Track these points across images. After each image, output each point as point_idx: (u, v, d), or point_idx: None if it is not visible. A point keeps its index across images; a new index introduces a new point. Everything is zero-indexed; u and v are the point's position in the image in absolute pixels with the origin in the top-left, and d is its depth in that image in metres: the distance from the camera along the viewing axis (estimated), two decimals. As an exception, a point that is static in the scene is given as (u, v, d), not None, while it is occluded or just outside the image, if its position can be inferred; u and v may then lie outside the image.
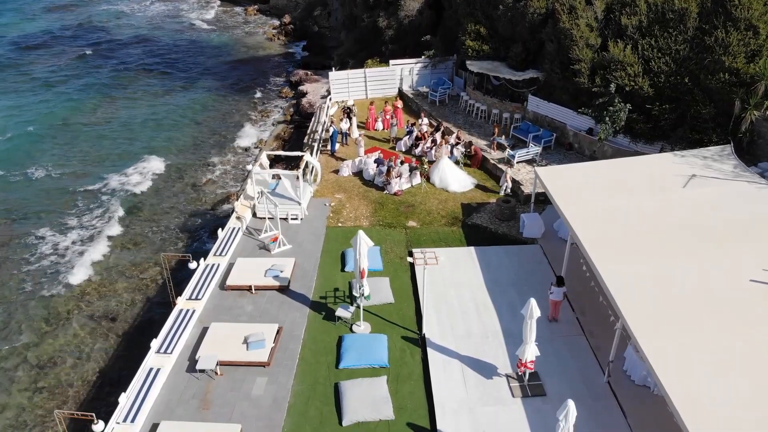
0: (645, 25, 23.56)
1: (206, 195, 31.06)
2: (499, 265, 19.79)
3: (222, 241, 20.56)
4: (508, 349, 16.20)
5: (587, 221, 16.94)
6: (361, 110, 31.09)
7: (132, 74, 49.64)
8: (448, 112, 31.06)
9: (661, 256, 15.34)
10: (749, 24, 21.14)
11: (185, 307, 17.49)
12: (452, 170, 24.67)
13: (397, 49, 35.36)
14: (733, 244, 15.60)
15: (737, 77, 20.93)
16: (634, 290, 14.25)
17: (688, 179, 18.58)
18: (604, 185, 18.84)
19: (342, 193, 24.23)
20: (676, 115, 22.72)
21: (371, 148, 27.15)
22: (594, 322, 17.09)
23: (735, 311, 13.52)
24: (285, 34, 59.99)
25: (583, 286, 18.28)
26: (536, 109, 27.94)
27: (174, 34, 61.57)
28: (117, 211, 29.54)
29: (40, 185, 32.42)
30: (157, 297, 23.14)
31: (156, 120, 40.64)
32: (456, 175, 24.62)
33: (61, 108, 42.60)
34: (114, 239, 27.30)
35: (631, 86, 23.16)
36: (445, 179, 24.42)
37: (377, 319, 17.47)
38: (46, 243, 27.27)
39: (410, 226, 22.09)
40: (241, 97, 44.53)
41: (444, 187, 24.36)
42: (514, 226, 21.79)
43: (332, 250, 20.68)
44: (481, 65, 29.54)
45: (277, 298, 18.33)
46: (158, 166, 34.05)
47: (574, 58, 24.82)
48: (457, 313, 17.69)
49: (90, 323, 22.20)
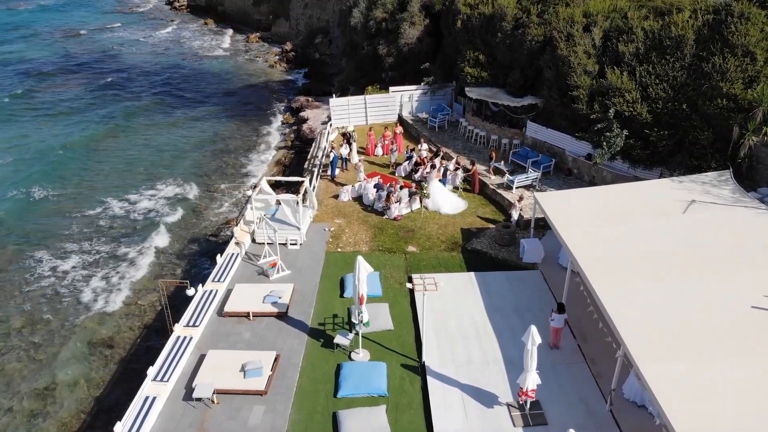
0: (642, 52, 23.80)
1: (205, 220, 31.06)
2: (499, 291, 19.64)
3: (220, 267, 20.46)
4: (509, 376, 15.96)
5: (587, 247, 16.85)
6: (360, 136, 31.26)
7: (133, 101, 50.08)
8: (448, 138, 31.22)
9: (662, 282, 15.22)
10: (746, 50, 21.34)
11: (183, 334, 17.32)
12: (442, 193, 24.80)
13: (397, 76, 35.72)
14: (734, 269, 15.49)
15: (735, 103, 21.04)
16: (635, 317, 14.10)
17: (687, 205, 18.54)
18: (603, 211, 18.80)
19: (341, 218, 24.21)
20: (675, 141, 22.80)
21: (371, 173, 27.21)
22: (595, 349, 16.88)
23: (737, 338, 13.35)
24: (286, 61, 60.72)
25: (584, 312, 18.13)
26: (535, 135, 28.07)
27: (177, 61, 62.32)
28: (115, 236, 29.49)
29: (39, 210, 32.50)
30: (155, 323, 22.95)
31: (156, 146, 40.87)
32: (447, 198, 24.75)
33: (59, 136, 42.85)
34: (112, 264, 27.19)
35: (629, 112, 23.29)
36: (436, 202, 24.48)
37: (376, 346, 17.27)
38: (43, 266, 27.19)
39: (410, 251, 22.01)
40: (242, 122, 44.85)
41: (437, 209, 24.40)
42: (514, 251, 21.70)
43: (331, 276, 20.57)
44: (480, 92, 29.79)
45: (275, 324, 18.15)
46: (157, 192, 34.13)
47: (572, 84, 25.02)
48: (457, 339, 17.49)
49: (86, 349, 21.98)
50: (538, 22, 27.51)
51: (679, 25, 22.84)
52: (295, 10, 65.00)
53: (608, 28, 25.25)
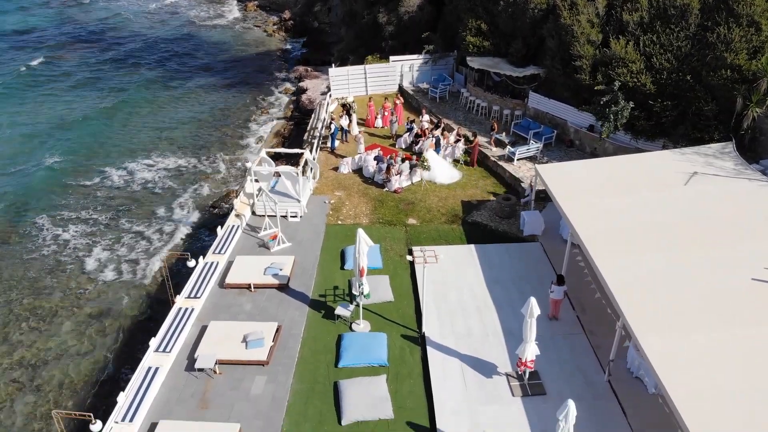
0: (647, 22, 23.42)
1: (205, 192, 30.97)
2: (499, 263, 19.69)
3: (221, 239, 20.47)
4: (508, 347, 16.11)
5: (588, 219, 16.84)
6: (360, 107, 30.96)
7: (130, 71, 49.47)
8: (449, 109, 30.93)
9: (662, 253, 15.25)
10: (751, 20, 21.00)
11: (184, 306, 17.41)
12: (437, 162, 24.73)
13: (397, 45, 35.20)
14: (734, 242, 15.51)
15: (739, 74, 20.80)
16: (635, 288, 14.17)
17: (689, 177, 18.47)
18: (605, 183, 18.74)
19: (342, 190, 24.13)
20: (678, 112, 22.58)
21: (371, 145, 27.03)
22: (594, 320, 17.01)
23: (736, 310, 13.44)
24: (285, 30, 59.78)
25: (584, 284, 18.23)
26: (537, 106, 27.81)
27: (173, 30, 61.37)
28: (115, 207, 29.47)
29: (41, 180, 32.40)
30: (156, 295, 23.08)
31: (154, 117, 40.52)
32: (442, 168, 24.72)
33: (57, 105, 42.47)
34: (112, 236, 27.22)
35: (633, 83, 23.02)
36: (432, 172, 24.43)
37: (377, 317, 17.39)
38: (45, 239, 27.22)
39: (410, 223, 21.99)
40: (241, 93, 44.39)
41: (432, 179, 24.35)
42: (515, 223, 21.69)
43: (332, 248, 20.60)
44: (482, 61, 29.40)
45: (276, 296, 18.25)
46: (157, 163, 33.98)
47: (575, 54, 24.67)
48: (457, 311, 17.60)
49: (88, 321, 22.14)
50: (541, -11, 26.98)
51: (684, -7, 22.43)
52: (294, -23, 63.79)
53: (613, -4, 24.82)
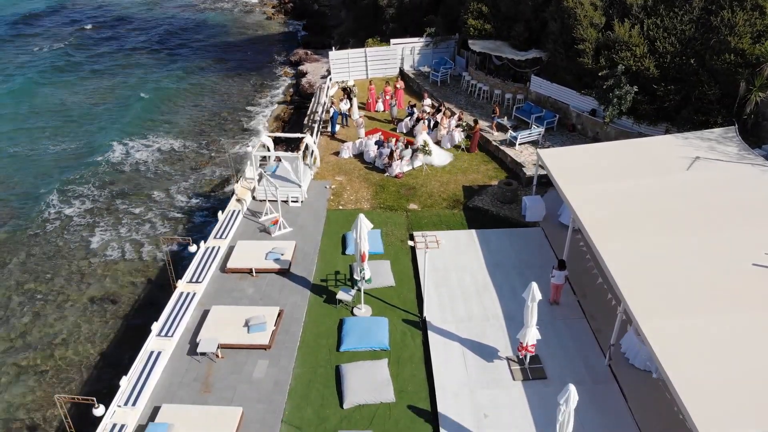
0: (650, 5, 23.22)
1: (206, 177, 30.87)
2: (500, 248, 19.70)
3: (222, 224, 20.46)
4: (509, 332, 16.18)
5: (589, 203, 16.82)
6: (361, 90, 30.76)
7: (128, 54, 49.09)
8: (450, 93, 30.75)
9: (664, 238, 15.25)
10: (756, 4, 20.82)
11: (186, 290, 17.45)
12: (431, 146, 24.73)
13: (398, 28, 34.90)
14: (736, 227, 15.50)
15: (743, 58, 20.64)
16: (636, 273, 14.18)
17: (692, 161, 18.41)
18: (607, 167, 18.68)
19: (342, 175, 24.06)
20: (681, 97, 22.44)
21: (372, 130, 26.91)
22: (595, 305, 17.06)
23: (737, 294, 13.45)
24: (284, 13, 59.25)
25: (585, 269, 18.25)
26: (539, 90, 27.63)
27: (171, 13, 60.81)
28: (115, 193, 29.38)
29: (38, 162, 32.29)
30: (158, 279, 23.09)
31: (153, 101, 40.24)
32: (436, 150, 24.80)
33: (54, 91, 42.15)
34: (113, 221, 27.18)
35: (636, 67, 22.84)
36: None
37: (378, 302, 17.44)
38: (47, 222, 27.15)
39: (411, 209, 21.97)
40: (240, 77, 44.08)
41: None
42: (516, 209, 21.66)
43: (333, 233, 20.60)
44: (484, 45, 29.17)
45: (277, 281, 18.28)
46: (157, 147, 33.83)
47: (578, 37, 24.46)
48: (458, 296, 17.65)
49: (90, 306, 22.18)
50: (544, -29, 26.70)
51: (689, -25, 22.18)
52: (293, -41, 63.01)
53: (616, -22, 24.54)
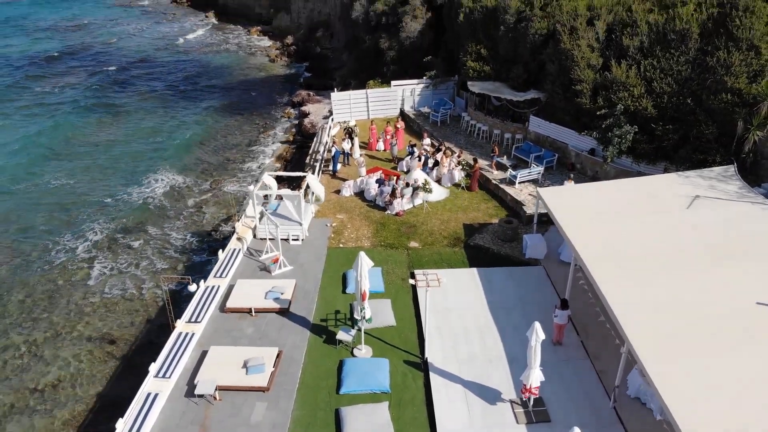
0: (646, 46, 23.61)
1: (207, 216, 30.96)
2: (502, 287, 19.55)
3: (222, 263, 20.39)
4: (513, 373, 15.90)
5: (591, 242, 16.75)
6: (362, 130, 31.10)
7: (135, 95, 49.93)
8: (450, 133, 31.08)
9: (666, 277, 15.12)
10: (751, 44, 21.16)
11: (185, 330, 17.26)
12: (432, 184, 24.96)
13: (399, 69, 35.54)
14: (738, 265, 15.37)
15: (740, 97, 20.88)
16: (639, 312, 14.01)
17: (692, 200, 18.42)
18: (607, 206, 18.69)
19: (343, 213, 24.11)
20: (679, 136, 22.63)
21: (373, 168, 27.09)
22: (599, 345, 16.81)
23: (742, 334, 13.27)
24: (287, 55, 60.47)
25: (588, 308, 18.07)
26: (538, 130, 27.91)
27: (177, 55, 62.10)
28: (117, 230, 29.43)
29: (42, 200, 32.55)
30: (157, 319, 22.90)
31: (157, 140, 40.74)
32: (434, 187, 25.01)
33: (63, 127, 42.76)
34: (114, 259, 27.13)
35: (634, 107, 23.12)
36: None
37: (379, 342, 17.21)
38: (46, 258, 27.12)
39: (412, 247, 21.91)
40: (243, 117, 44.69)
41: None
42: (517, 247, 21.60)
43: (333, 272, 20.49)
44: (483, 86, 29.61)
45: (277, 320, 18.10)
46: (159, 186, 34.04)
47: (575, 78, 24.84)
48: (460, 336, 17.42)
49: (88, 345, 21.95)
50: (542, 15, 27.31)
51: (683, 18, 22.64)
52: (296, 3, 64.67)
53: (612, 21, 25.06)
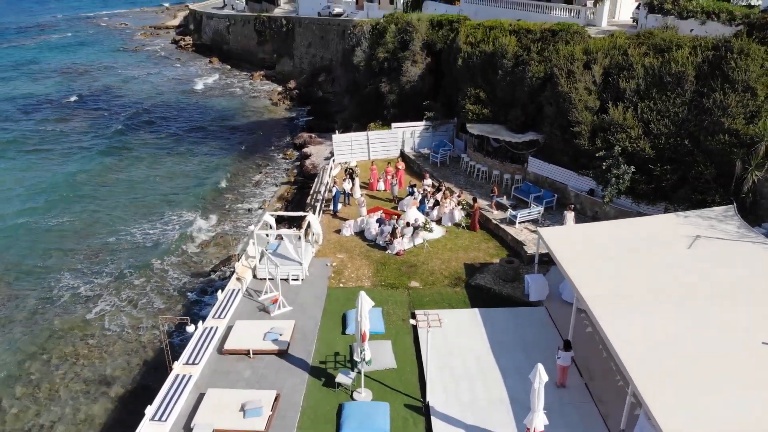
0: (643, 89, 24.01)
1: (208, 255, 30.88)
2: (504, 328, 19.31)
3: (221, 303, 20.21)
4: (516, 416, 15.54)
5: (593, 282, 16.64)
6: (363, 171, 31.34)
7: (138, 137, 50.49)
8: (450, 173, 31.30)
9: (670, 318, 14.97)
10: (747, 86, 21.50)
11: (182, 372, 16.97)
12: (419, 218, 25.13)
13: (399, 112, 36.04)
14: (742, 305, 15.27)
15: (737, 138, 21.09)
16: (643, 354, 13.82)
17: (693, 240, 18.38)
18: (608, 246, 18.65)
19: (344, 253, 24.04)
20: (678, 176, 22.77)
21: (373, 208, 27.17)
22: (603, 387, 16.49)
23: (748, 374, 13.08)
24: (290, 99, 61.41)
25: (591, 349, 17.80)
26: (537, 171, 28.11)
27: (182, 97, 63.12)
28: (117, 270, 29.30)
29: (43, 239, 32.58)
30: (154, 360, 22.55)
31: (159, 182, 41.02)
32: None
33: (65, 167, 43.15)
34: (113, 299, 26.92)
35: (632, 148, 23.33)
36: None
37: (379, 385, 16.89)
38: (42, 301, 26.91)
39: (413, 286, 21.76)
40: (245, 158, 45.11)
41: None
42: (518, 287, 21.44)
43: (333, 312, 20.29)
44: (481, 128, 29.99)
45: (275, 362, 17.82)
46: (160, 225, 34.08)
47: (573, 120, 25.15)
48: (462, 378, 17.11)
49: (84, 387, 21.56)
50: (539, 59, 27.89)
51: (679, 61, 23.10)
52: (299, 49, 66.08)
53: (608, 65, 25.55)
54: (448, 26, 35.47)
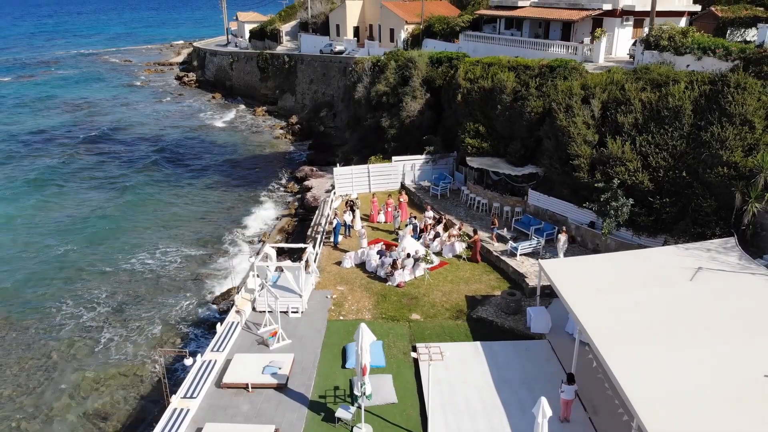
0: (641, 123, 24.27)
1: (207, 288, 30.74)
2: (506, 362, 19.08)
3: (220, 337, 20.02)
4: (519, 452, 15.24)
5: (595, 316, 16.49)
6: (364, 203, 31.45)
7: (140, 171, 50.86)
8: (450, 205, 31.41)
9: (673, 350, 14.80)
10: (744, 119, 21.73)
11: (179, 406, 16.69)
12: (414, 247, 25.02)
13: (399, 146, 36.39)
14: (745, 337, 15.11)
15: (736, 170, 21.20)
16: (647, 387, 13.61)
17: (694, 272, 18.31)
18: (610, 278, 18.55)
19: (344, 284, 23.92)
20: (678, 209, 22.82)
21: (374, 240, 27.16)
22: (607, 421, 16.20)
23: (751, 407, 12.88)
24: (292, 134, 62.06)
25: (595, 383, 17.56)
26: (537, 203, 28.19)
27: (184, 133, 63.79)
28: (117, 300, 29.16)
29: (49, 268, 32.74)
30: (152, 394, 22.19)
31: (161, 213, 41.16)
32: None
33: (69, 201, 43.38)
34: (110, 331, 26.68)
35: (631, 181, 23.45)
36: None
37: (379, 420, 16.59)
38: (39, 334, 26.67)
39: (414, 319, 21.58)
40: (247, 191, 45.34)
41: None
42: (521, 319, 21.26)
43: (333, 345, 20.08)
44: (481, 161, 30.22)
45: (274, 397, 17.54)
46: (161, 258, 34.02)
47: (572, 154, 25.34)
48: (464, 413, 16.81)
49: (81, 421, 21.20)
50: (537, 94, 28.26)
51: (676, 96, 23.41)
52: (301, 85, 67.12)
53: (606, 99, 25.88)
54: (448, 63, 36.10)
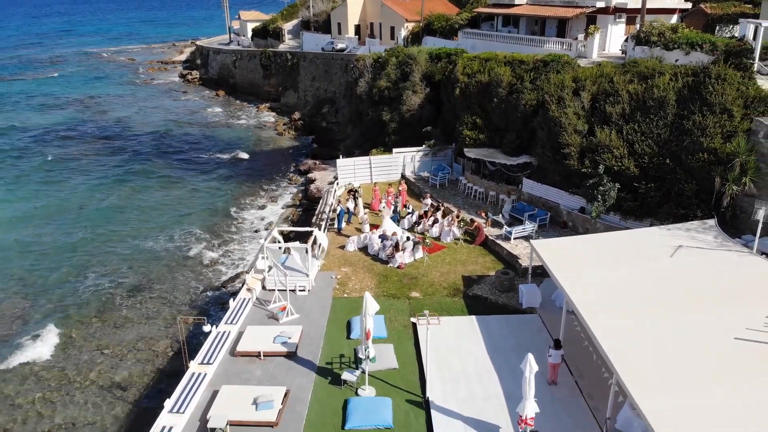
0: (628, 113, 25.67)
1: (217, 274, 32.14)
2: (499, 333, 20.49)
3: (233, 310, 21.43)
4: (510, 410, 16.61)
5: (582, 287, 17.89)
6: (366, 193, 32.83)
7: (148, 164, 52.24)
8: (448, 195, 32.81)
9: (652, 318, 16.19)
10: (724, 108, 23.10)
11: (197, 371, 18.11)
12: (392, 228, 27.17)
13: (400, 139, 37.78)
14: (718, 305, 16.51)
15: (715, 156, 22.60)
16: (627, 348, 14.99)
17: (674, 249, 19.71)
18: (596, 256, 19.97)
19: (348, 266, 25.33)
20: (662, 193, 24.23)
21: (375, 226, 28.53)
22: (592, 384, 17.60)
23: (722, 366, 14.24)
24: (294, 129, 63.42)
25: (581, 351, 18.95)
26: (531, 191, 29.59)
27: (190, 128, 65.13)
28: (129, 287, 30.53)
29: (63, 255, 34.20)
30: (168, 365, 23.62)
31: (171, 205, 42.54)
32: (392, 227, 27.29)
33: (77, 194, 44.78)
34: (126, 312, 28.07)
35: (618, 167, 24.86)
36: None
37: (382, 383, 17.98)
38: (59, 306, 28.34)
39: (413, 296, 22.99)
40: (252, 184, 46.72)
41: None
42: (513, 296, 22.66)
43: (338, 320, 21.48)
44: (478, 152, 31.61)
45: (284, 363, 18.95)
46: (171, 245, 35.40)
47: (563, 143, 26.74)
48: (459, 378, 18.21)
49: (101, 392, 22.57)
50: (531, 88, 29.64)
51: (660, 87, 24.79)
52: (304, 82, 68.49)
53: (596, 91, 27.26)
54: (447, 59, 37.50)
